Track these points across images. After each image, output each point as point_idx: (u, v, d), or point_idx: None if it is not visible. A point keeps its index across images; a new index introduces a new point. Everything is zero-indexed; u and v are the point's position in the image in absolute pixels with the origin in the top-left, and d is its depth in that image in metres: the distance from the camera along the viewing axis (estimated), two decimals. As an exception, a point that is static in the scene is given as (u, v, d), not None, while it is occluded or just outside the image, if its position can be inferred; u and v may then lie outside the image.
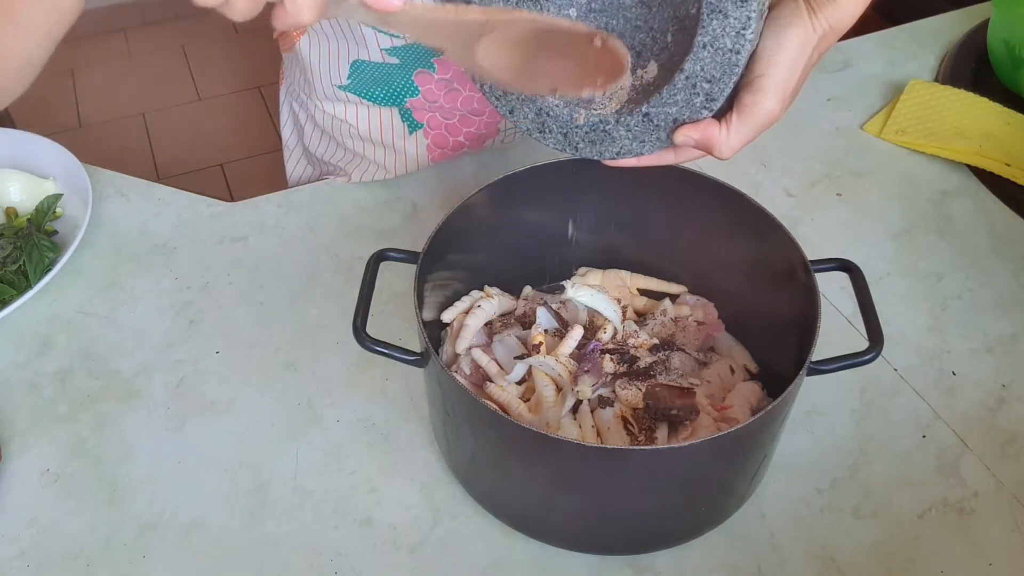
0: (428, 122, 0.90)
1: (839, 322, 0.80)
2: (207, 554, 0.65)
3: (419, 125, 0.90)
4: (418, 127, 0.90)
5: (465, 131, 0.91)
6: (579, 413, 0.64)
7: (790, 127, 1.01)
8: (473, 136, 0.91)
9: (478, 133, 0.91)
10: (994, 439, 0.72)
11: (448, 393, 0.60)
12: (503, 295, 0.73)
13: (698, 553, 0.65)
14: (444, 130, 0.90)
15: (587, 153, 0.63)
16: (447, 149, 0.92)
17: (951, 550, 0.65)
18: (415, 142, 0.91)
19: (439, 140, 0.91)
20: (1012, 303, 0.82)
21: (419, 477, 0.69)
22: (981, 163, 0.93)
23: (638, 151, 0.62)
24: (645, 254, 0.76)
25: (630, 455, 0.56)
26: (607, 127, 0.62)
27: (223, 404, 0.74)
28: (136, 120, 2.62)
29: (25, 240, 0.83)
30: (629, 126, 0.61)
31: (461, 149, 0.93)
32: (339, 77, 0.87)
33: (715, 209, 0.69)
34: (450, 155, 0.93)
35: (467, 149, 0.93)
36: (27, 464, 0.70)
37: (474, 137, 0.92)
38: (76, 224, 0.86)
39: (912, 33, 1.14)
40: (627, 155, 0.63)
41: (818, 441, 0.71)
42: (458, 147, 0.92)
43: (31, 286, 0.80)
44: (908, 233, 0.89)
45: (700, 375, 0.68)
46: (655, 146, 0.61)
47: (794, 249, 0.63)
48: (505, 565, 0.64)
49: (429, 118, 0.89)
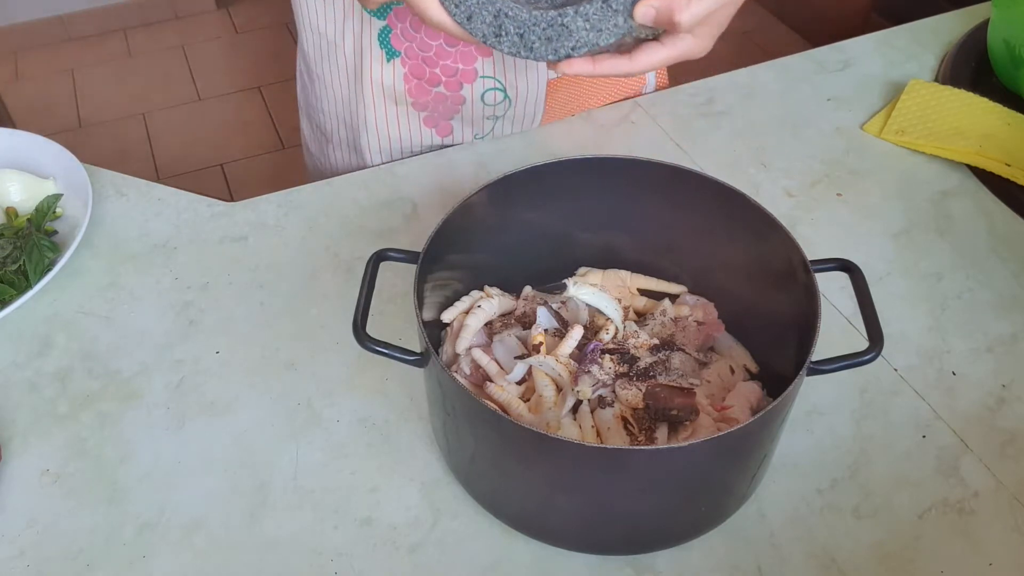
0: (406, 51, 0.90)
1: (839, 322, 0.80)
2: (207, 554, 0.65)
3: (397, 53, 0.90)
4: (396, 55, 0.90)
5: (442, 64, 0.90)
6: (579, 413, 0.64)
7: (790, 127, 1.01)
8: (450, 71, 0.91)
9: (454, 67, 0.91)
10: (994, 439, 0.72)
11: (448, 393, 0.60)
12: (503, 295, 0.73)
13: (698, 553, 0.65)
14: (421, 60, 0.90)
15: (542, 53, 0.65)
16: (424, 80, 0.92)
17: (951, 550, 0.65)
18: (392, 71, 0.92)
19: (416, 70, 0.91)
20: (1012, 303, 0.82)
21: (419, 477, 0.69)
22: (981, 163, 0.93)
23: (595, 41, 0.63)
24: (645, 254, 0.76)
25: (630, 455, 0.56)
26: (565, 20, 0.63)
27: (223, 404, 0.74)
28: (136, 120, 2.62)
29: (25, 240, 0.83)
30: (587, 16, 0.62)
31: (437, 84, 0.92)
32: None
33: (715, 209, 0.69)
34: (428, 89, 0.93)
35: (444, 88, 0.92)
36: (27, 464, 0.70)
37: (450, 72, 0.91)
38: (76, 224, 0.86)
39: (912, 33, 1.14)
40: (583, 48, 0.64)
41: (818, 441, 0.71)
42: (435, 80, 0.92)
43: (31, 286, 0.80)
44: (908, 233, 0.89)
45: (700, 375, 0.68)
46: (612, 34, 0.63)
47: (794, 249, 0.63)
48: (505, 565, 0.64)
49: (406, 48, 0.90)
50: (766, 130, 1.00)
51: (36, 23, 2.88)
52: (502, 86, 0.93)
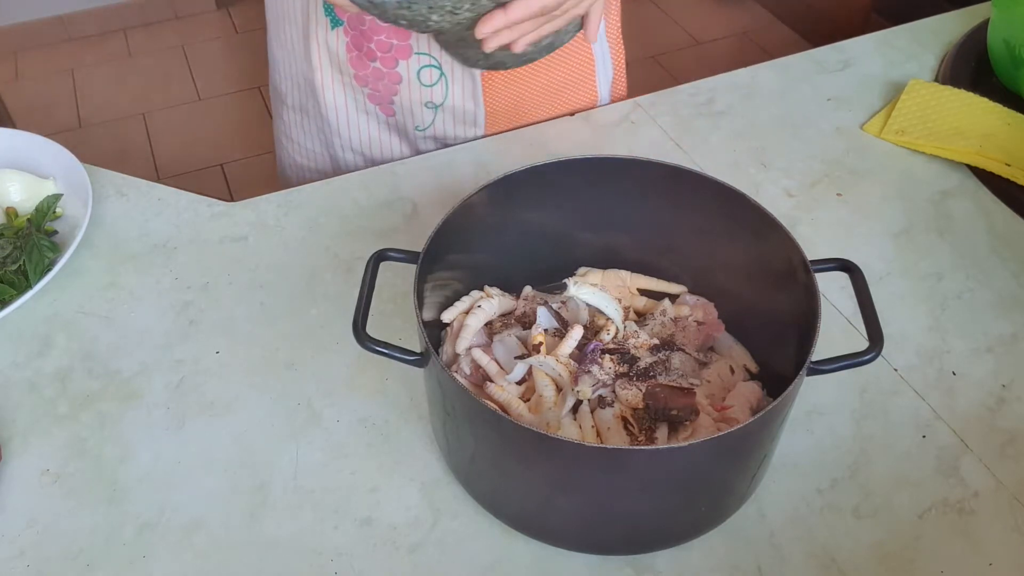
0: (348, 21, 0.92)
1: (839, 322, 0.80)
2: (207, 554, 0.65)
3: (340, 22, 0.92)
4: (339, 23, 0.92)
5: (376, 39, 0.91)
6: (579, 413, 0.64)
7: (790, 127, 1.01)
8: (384, 46, 0.92)
9: (389, 42, 0.91)
10: (994, 439, 0.72)
11: (448, 393, 0.60)
12: (503, 295, 0.73)
13: (698, 553, 0.65)
14: (360, 32, 0.92)
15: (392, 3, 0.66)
16: (363, 52, 0.93)
17: (951, 550, 0.65)
18: (336, 38, 0.93)
19: (356, 41, 0.93)
20: (1012, 303, 0.82)
21: (419, 477, 0.69)
22: (981, 163, 0.93)
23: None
24: (645, 254, 0.76)
25: (630, 455, 0.56)
26: None
27: (223, 404, 0.74)
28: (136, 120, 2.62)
29: (25, 240, 0.83)
30: None
31: (374, 59, 0.93)
32: None
33: (715, 209, 0.69)
34: (367, 63, 0.94)
35: (380, 64, 0.93)
36: (27, 464, 0.70)
37: (385, 47, 0.92)
38: (76, 224, 0.86)
39: (912, 33, 1.14)
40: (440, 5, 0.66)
41: (818, 441, 0.71)
42: (372, 55, 0.93)
43: (31, 286, 0.80)
44: (908, 233, 0.89)
45: (700, 375, 0.68)
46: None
47: (794, 249, 0.63)
48: (505, 565, 0.64)
49: (349, 17, 0.91)
50: (766, 130, 1.00)
51: (36, 23, 2.88)
52: (437, 63, 0.93)
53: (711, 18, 2.97)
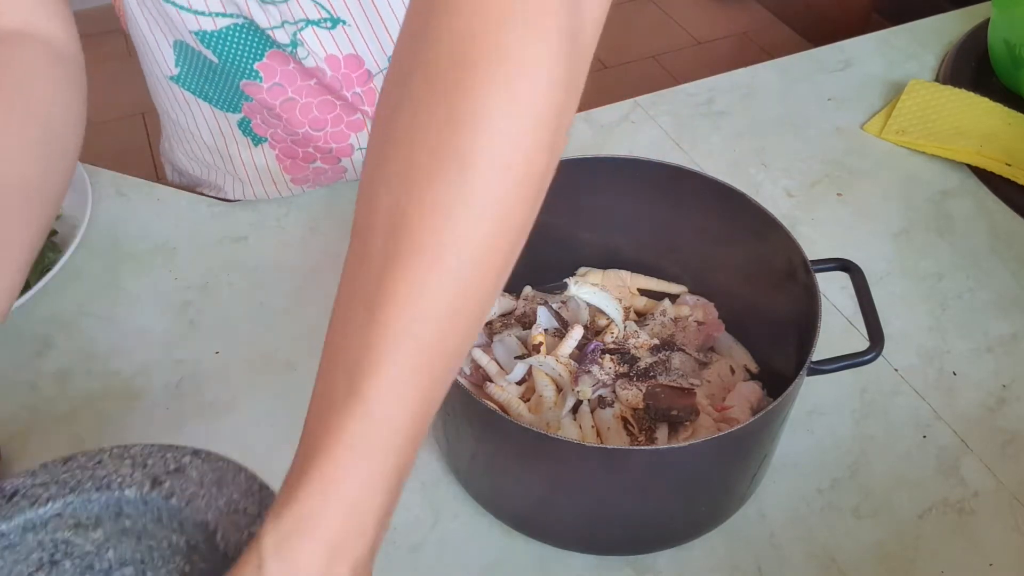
0: (271, 136, 0.86)
1: (839, 322, 0.80)
2: (207, 554, 0.65)
3: (262, 139, 0.86)
4: (262, 140, 0.86)
5: (314, 145, 0.86)
6: (579, 413, 0.64)
7: (790, 127, 1.01)
8: (323, 149, 0.86)
9: (327, 147, 0.86)
10: (994, 439, 0.72)
11: (448, 393, 0.60)
12: (503, 295, 0.73)
13: (698, 553, 0.65)
14: (291, 143, 0.86)
15: None
16: (298, 159, 0.87)
17: (951, 550, 0.65)
18: (263, 154, 0.87)
19: (288, 151, 0.87)
20: (1012, 303, 0.82)
21: (419, 477, 0.69)
22: (981, 163, 0.93)
23: None
24: (645, 254, 0.76)
25: (630, 455, 0.56)
26: None
27: (223, 404, 0.74)
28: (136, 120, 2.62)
29: None
30: None
31: (313, 161, 0.88)
32: (167, 64, 0.81)
33: (715, 209, 0.69)
34: (304, 166, 0.88)
35: (321, 163, 0.88)
36: (27, 464, 0.70)
37: (325, 151, 0.87)
38: (75, 224, 0.86)
39: (912, 33, 1.14)
40: None
41: (818, 441, 0.71)
42: (309, 158, 0.87)
43: (30, 287, 0.80)
44: (908, 233, 0.89)
45: (700, 375, 0.68)
46: None
47: (794, 249, 0.63)
48: (505, 565, 0.64)
49: (271, 133, 0.85)
50: (766, 130, 1.00)
51: (36, 23, 2.87)
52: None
53: (711, 18, 2.97)
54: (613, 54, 2.79)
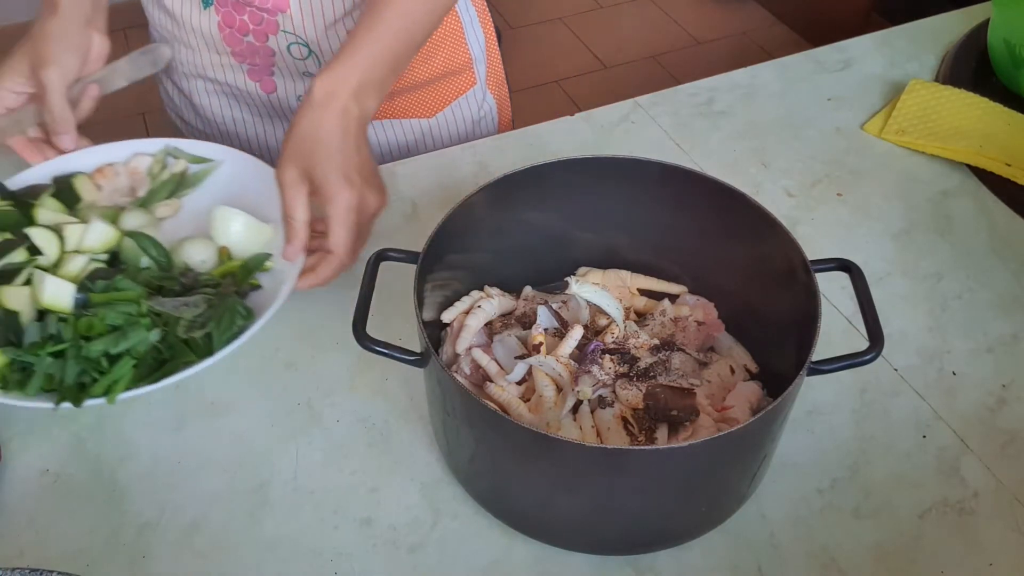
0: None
1: (839, 322, 0.80)
2: (207, 554, 0.65)
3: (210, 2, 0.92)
4: (209, 3, 0.92)
5: (249, 10, 0.91)
6: (579, 413, 0.64)
7: (790, 127, 1.01)
8: (256, 17, 0.91)
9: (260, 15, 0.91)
10: (994, 439, 0.72)
11: (448, 393, 0.60)
12: (503, 295, 0.73)
13: (698, 553, 0.65)
14: (231, 8, 0.91)
15: None
16: (235, 29, 0.93)
17: (951, 550, 0.65)
18: (208, 19, 0.93)
19: (228, 19, 0.92)
20: (1012, 303, 0.82)
21: (419, 477, 0.69)
22: (981, 163, 0.93)
23: None
24: (645, 254, 0.76)
25: (630, 455, 0.56)
26: None
27: (223, 404, 0.74)
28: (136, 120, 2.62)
29: (221, 300, 0.74)
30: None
31: (247, 33, 0.93)
32: None
33: (715, 209, 0.69)
34: (239, 38, 0.93)
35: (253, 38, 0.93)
36: (27, 464, 0.70)
37: (257, 19, 0.92)
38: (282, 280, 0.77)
39: (912, 33, 1.14)
40: None
41: (818, 441, 0.71)
42: (244, 29, 0.93)
43: (212, 352, 0.71)
44: (908, 233, 0.89)
45: (700, 375, 0.68)
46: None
47: (794, 249, 0.63)
48: (505, 565, 0.64)
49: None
50: (766, 130, 1.00)
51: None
52: (304, 41, 0.93)
53: (711, 18, 2.96)
54: (613, 54, 2.79)
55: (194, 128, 1.08)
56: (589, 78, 2.71)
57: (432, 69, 1.01)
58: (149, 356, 0.71)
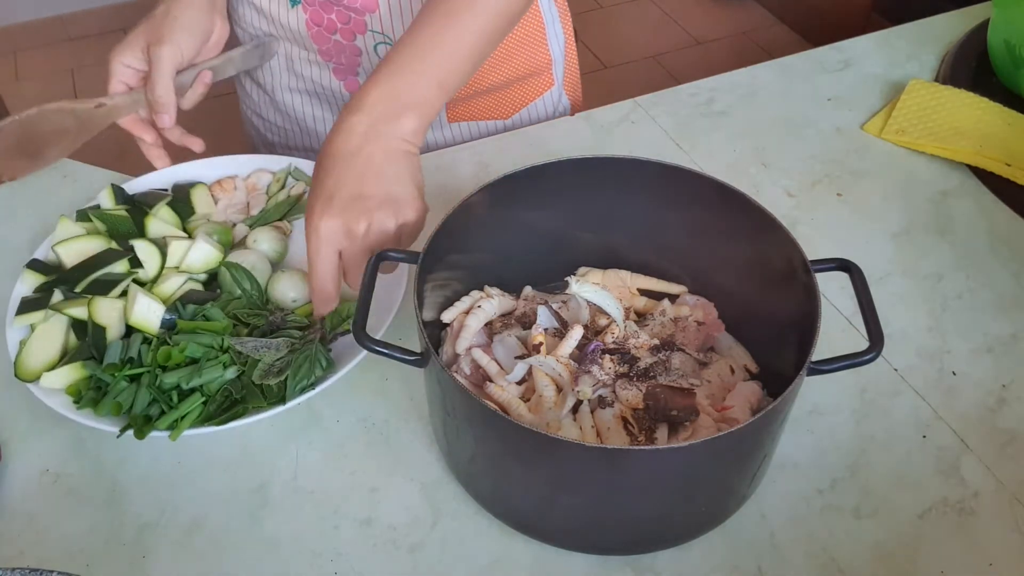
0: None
1: (839, 322, 0.80)
2: (207, 554, 0.65)
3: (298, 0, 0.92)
4: (296, 2, 0.92)
5: (337, 9, 0.92)
6: (579, 413, 0.64)
7: (790, 127, 1.01)
8: (344, 17, 0.92)
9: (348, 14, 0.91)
10: (994, 439, 0.72)
11: (448, 393, 0.60)
12: (503, 295, 0.73)
13: (698, 553, 0.65)
14: (319, 6, 0.92)
15: None
16: (322, 28, 0.93)
17: (951, 550, 0.65)
18: (296, 17, 0.93)
19: (316, 17, 0.93)
20: (1012, 303, 0.82)
21: (419, 477, 0.69)
22: (981, 163, 0.93)
23: None
24: (645, 254, 0.76)
25: (630, 455, 0.56)
26: None
27: (223, 404, 0.74)
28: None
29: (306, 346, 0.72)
30: None
31: (334, 31, 0.93)
32: None
33: (715, 209, 0.69)
34: (327, 37, 0.94)
35: (340, 36, 0.94)
36: (27, 464, 0.70)
37: (345, 19, 0.92)
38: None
39: (912, 33, 1.14)
40: None
41: (818, 441, 0.71)
42: (332, 27, 0.93)
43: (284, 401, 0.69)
44: (908, 233, 0.89)
45: (700, 375, 0.68)
46: None
47: (794, 249, 0.63)
48: (505, 565, 0.64)
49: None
50: (766, 130, 1.00)
51: (36, 23, 2.87)
52: (391, 42, 0.93)
53: (711, 18, 2.97)
54: (613, 54, 2.79)
55: (272, 125, 1.08)
56: (589, 78, 2.71)
57: (511, 71, 1.02)
58: (219, 394, 0.70)
